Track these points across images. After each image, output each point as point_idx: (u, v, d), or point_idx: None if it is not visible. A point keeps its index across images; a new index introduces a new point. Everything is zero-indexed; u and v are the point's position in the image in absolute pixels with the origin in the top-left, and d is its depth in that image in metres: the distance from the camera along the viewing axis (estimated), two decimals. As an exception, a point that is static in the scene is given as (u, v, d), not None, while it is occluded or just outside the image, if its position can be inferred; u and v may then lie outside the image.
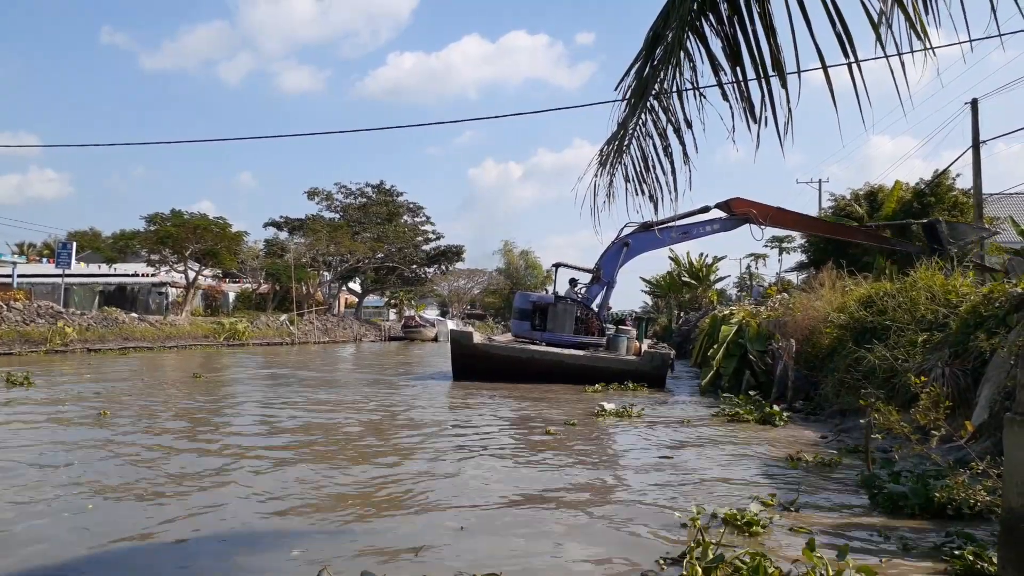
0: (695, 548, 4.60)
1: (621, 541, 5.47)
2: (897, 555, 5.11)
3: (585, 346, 20.29)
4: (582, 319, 21.09)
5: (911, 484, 6.48)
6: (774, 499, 6.43)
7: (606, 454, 9.65)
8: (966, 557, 4.73)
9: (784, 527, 5.64)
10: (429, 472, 7.85)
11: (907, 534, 5.55)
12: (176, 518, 5.83)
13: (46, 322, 28.48)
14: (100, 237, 71.06)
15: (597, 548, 5.29)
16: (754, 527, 5.38)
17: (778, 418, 11.96)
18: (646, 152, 3.92)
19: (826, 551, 4.57)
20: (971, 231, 21.31)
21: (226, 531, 5.56)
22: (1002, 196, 27.78)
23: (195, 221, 41.82)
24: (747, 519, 5.44)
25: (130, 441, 9.25)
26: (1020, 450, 3.77)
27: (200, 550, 5.10)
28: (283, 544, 5.23)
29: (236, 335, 37.37)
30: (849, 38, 3.04)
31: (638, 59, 3.63)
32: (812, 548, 4.37)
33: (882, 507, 6.35)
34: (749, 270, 65.25)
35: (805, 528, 5.59)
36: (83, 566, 4.78)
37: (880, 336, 12.35)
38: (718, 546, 4.65)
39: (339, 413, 12.41)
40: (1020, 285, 10.15)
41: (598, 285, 21.21)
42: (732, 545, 4.92)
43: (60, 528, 5.57)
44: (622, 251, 20.63)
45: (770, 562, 4.31)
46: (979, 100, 22.74)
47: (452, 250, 64.99)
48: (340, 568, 4.58)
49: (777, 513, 6.01)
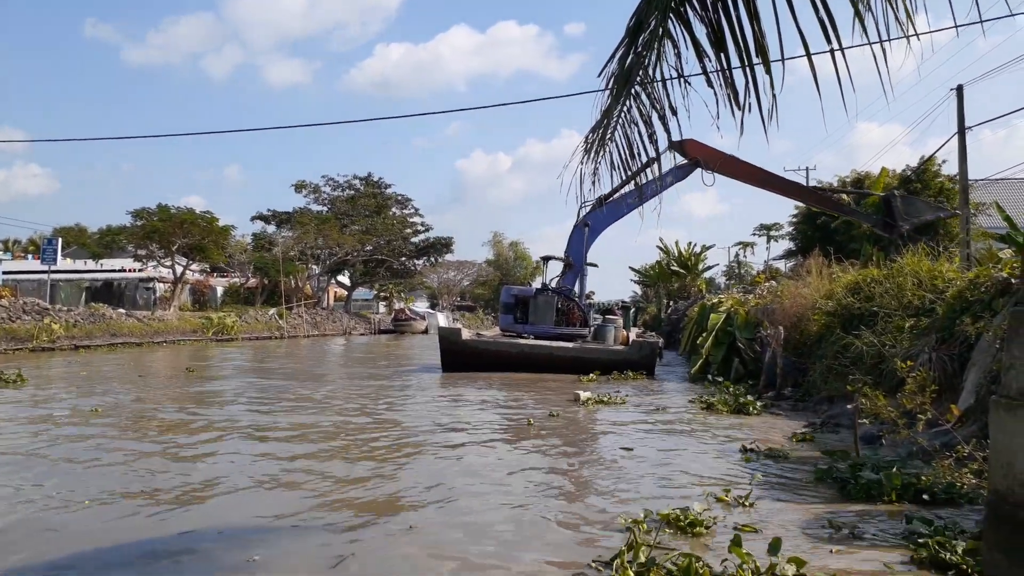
0: (626, 551, 4.50)
1: (561, 541, 5.26)
2: (850, 544, 5.06)
3: (569, 337, 20.28)
4: (563, 310, 21.10)
5: (875, 473, 6.49)
6: (728, 494, 6.25)
7: (572, 446, 9.26)
8: (931, 546, 4.66)
9: (730, 525, 5.45)
10: (394, 470, 7.61)
11: (859, 522, 5.52)
12: (147, 515, 5.77)
13: (32, 319, 28.25)
14: (86, 233, 70.39)
15: (533, 549, 5.07)
16: (697, 527, 5.22)
17: (751, 407, 12.00)
18: (631, 139, 3.91)
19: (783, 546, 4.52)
20: (927, 209, 20.78)
21: (198, 530, 5.41)
22: (987, 182, 27.93)
23: (182, 216, 41.55)
24: (690, 519, 5.28)
25: (116, 446, 9.15)
26: (1005, 433, 3.80)
27: (146, 550, 4.96)
28: (241, 548, 5.02)
29: (225, 330, 37.22)
30: (833, 24, 3.03)
31: (621, 45, 3.61)
32: (739, 544, 4.34)
33: (854, 495, 6.34)
34: (737, 258, 65.52)
35: (750, 527, 5.40)
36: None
37: (867, 322, 12.41)
38: (652, 548, 4.59)
39: (325, 412, 12.29)
40: (1005, 270, 10.22)
41: (572, 273, 21.19)
42: (667, 547, 4.80)
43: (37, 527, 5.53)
44: (584, 233, 20.57)
45: (702, 563, 4.25)
46: (964, 86, 22.81)
47: (441, 242, 64.86)
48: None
49: (731, 509, 5.92)
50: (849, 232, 27.43)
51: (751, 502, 6.10)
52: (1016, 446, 3.71)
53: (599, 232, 20.81)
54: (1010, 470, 3.72)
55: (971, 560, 4.40)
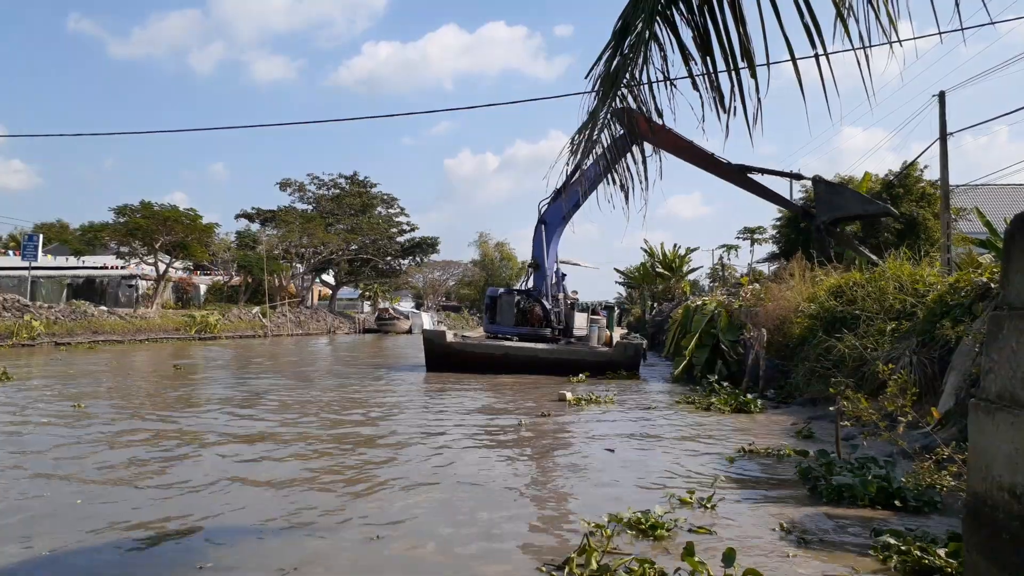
0: (576, 556, 4.44)
1: (532, 545, 5.20)
2: (814, 548, 5.06)
3: (530, 337, 20.39)
4: (524, 310, 21.26)
5: (853, 475, 6.51)
6: (692, 495, 6.26)
7: (553, 449, 9.18)
8: (912, 552, 4.63)
9: (689, 528, 5.44)
10: (369, 474, 7.48)
11: (830, 527, 5.54)
12: (111, 524, 5.58)
13: (12, 316, 27.95)
14: (68, 229, 69.82)
15: (497, 555, 4.98)
16: (659, 530, 5.20)
17: (752, 406, 12.05)
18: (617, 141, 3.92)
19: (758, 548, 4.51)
20: (856, 202, 18.10)
21: (154, 536, 5.27)
22: (968, 187, 28.24)
23: (165, 213, 41.21)
24: (651, 522, 5.27)
25: (83, 452, 9.07)
26: (984, 435, 3.84)
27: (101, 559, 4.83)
28: (195, 554, 4.88)
29: (208, 328, 36.97)
30: (818, 29, 3.06)
31: (608, 48, 3.63)
32: (691, 553, 4.32)
33: (826, 498, 6.35)
34: (721, 261, 65.75)
35: (705, 529, 5.39)
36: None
37: (849, 325, 12.51)
38: (604, 552, 4.55)
39: (301, 414, 12.22)
40: (985, 274, 10.33)
41: (539, 274, 21.29)
42: (621, 552, 4.76)
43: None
44: (542, 230, 20.61)
45: (655, 570, 4.23)
46: (947, 93, 23.06)
47: (427, 242, 64.69)
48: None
49: (694, 510, 5.94)
50: (834, 237, 27.62)
51: (713, 504, 6.08)
52: (994, 449, 3.74)
53: (556, 226, 20.78)
54: (988, 472, 3.76)
55: (954, 562, 4.41)
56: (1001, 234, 10.45)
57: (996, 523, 3.70)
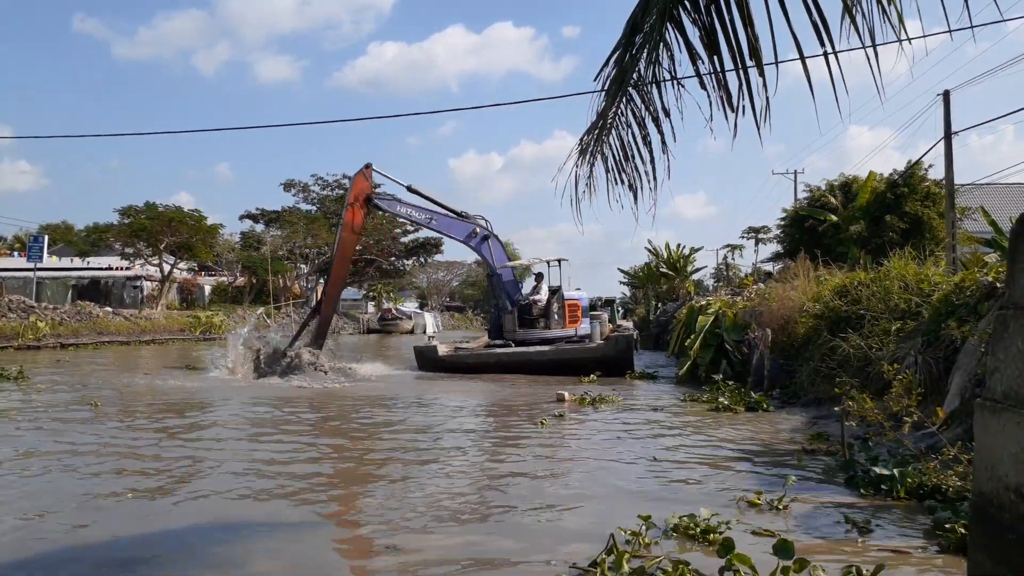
0: (606, 558, 4.26)
1: (551, 547, 5.01)
2: (874, 537, 5.11)
3: (524, 342, 20.50)
4: (497, 316, 21.73)
5: (892, 467, 6.49)
6: (760, 496, 5.98)
7: (577, 447, 9.10)
8: (957, 531, 4.77)
9: (747, 528, 5.20)
10: (378, 479, 7.25)
11: (884, 515, 5.58)
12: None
13: (18, 317, 28.04)
14: (73, 230, 69.95)
15: (517, 554, 4.86)
16: (711, 534, 4.94)
17: (764, 404, 12.01)
18: (625, 141, 3.93)
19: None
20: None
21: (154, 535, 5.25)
22: (974, 186, 28.17)
23: (170, 214, 41.33)
24: (703, 527, 5.02)
25: (91, 449, 9.11)
26: (989, 435, 3.83)
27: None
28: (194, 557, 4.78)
29: (212, 329, 37.04)
30: (826, 27, 3.06)
31: (617, 48, 3.64)
32: (731, 548, 4.14)
33: (863, 491, 6.31)
34: (726, 261, 65.69)
35: (768, 532, 5.10)
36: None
37: (854, 325, 12.48)
38: (632, 556, 4.41)
39: (304, 414, 12.28)
40: (991, 274, 10.31)
41: (499, 282, 21.43)
42: (648, 556, 4.57)
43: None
44: (482, 243, 21.04)
45: (694, 572, 4.06)
46: (952, 91, 23.00)
47: (431, 242, 64.71)
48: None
49: (743, 512, 5.70)
50: (836, 235, 27.63)
51: (784, 505, 5.82)
52: (1000, 449, 3.73)
53: (462, 242, 21.30)
54: (994, 473, 3.75)
55: None
56: (1007, 233, 10.42)
57: (1002, 524, 3.69)
